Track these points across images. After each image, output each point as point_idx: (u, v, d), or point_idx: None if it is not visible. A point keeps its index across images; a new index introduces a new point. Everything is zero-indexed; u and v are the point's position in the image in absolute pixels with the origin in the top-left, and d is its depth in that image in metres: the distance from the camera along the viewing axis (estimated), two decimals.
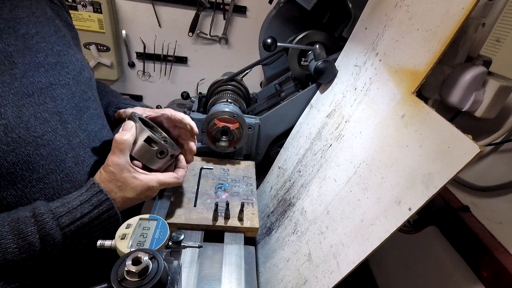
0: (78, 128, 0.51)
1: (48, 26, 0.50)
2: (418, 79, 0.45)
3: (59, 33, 0.52)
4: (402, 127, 0.45)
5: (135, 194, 0.49)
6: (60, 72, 0.49)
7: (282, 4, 0.92)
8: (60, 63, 0.49)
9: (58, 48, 0.50)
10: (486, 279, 0.55)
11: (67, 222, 0.42)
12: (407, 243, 0.78)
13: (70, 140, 0.49)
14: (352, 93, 0.61)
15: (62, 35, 0.52)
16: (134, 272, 0.32)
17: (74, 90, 0.51)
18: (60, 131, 0.47)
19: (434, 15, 0.46)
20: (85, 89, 0.54)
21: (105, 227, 0.46)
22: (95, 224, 0.45)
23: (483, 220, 0.61)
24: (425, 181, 0.38)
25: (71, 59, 0.52)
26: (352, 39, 0.70)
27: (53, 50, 0.49)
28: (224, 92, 0.87)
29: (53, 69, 0.48)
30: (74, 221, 0.42)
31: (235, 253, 0.56)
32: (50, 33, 0.49)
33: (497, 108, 0.53)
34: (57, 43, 0.50)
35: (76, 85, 0.52)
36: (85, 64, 0.56)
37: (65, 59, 0.51)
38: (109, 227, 0.47)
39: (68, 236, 0.42)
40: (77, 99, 0.52)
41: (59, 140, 0.47)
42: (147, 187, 0.50)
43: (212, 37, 1.65)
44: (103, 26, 1.49)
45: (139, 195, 0.50)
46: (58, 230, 0.41)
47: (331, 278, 0.46)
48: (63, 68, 0.50)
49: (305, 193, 0.62)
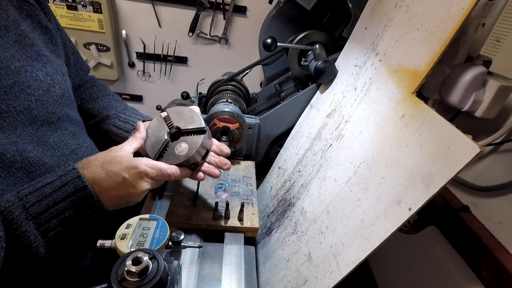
0: (42, 155, 0.45)
1: (6, 36, 0.42)
2: (418, 79, 0.45)
3: (22, 42, 0.44)
4: (402, 127, 0.45)
5: (118, 168, 0.42)
6: (19, 95, 0.42)
7: (282, 4, 0.92)
8: (19, 84, 0.42)
9: (19, 63, 0.42)
10: (486, 279, 0.55)
11: (32, 201, 0.37)
12: (407, 243, 0.78)
13: (30, 171, 0.43)
14: (352, 93, 0.61)
15: (27, 44, 0.44)
16: (134, 272, 0.32)
17: (37, 113, 0.44)
18: (17, 164, 0.41)
19: (434, 15, 0.46)
20: (53, 109, 0.47)
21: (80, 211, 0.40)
22: (66, 207, 0.39)
23: (483, 220, 0.61)
24: (425, 181, 0.37)
25: (36, 76, 0.44)
26: (352, 39, 0.70)
27: (9, 68, 0.41)
28: (224, 92, 0.87)
29: (7, 93, 0.40)
30: (39, 200, 0.37)
31: (235, 253, 0.56)
32: (8, 46, 0.42)
33: (497, 108, 0.53)
34: (17, 57, 0.43)
35: (41, 107, 0.45)
36: (57, 77, 0.48)
37: (27, 77, 0.43)
38: (87, 212, 0.41)
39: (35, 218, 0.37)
40: (39, 123, 0.45)
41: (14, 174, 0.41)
42: (133, 165, 0.43)
43: (212, 37, 1.65)
44: (103, 26, 1.49)
45: (123, 171, 0.42)
46: (20, 207, 0.36)
47: (331, 278, 0.46)
48: (23, 89, 0.42)
49: (305, 193, 0.62)
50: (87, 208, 0.41)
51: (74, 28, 1.46)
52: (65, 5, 1.41)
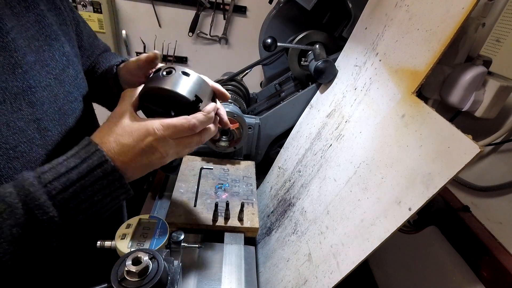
0: (60, 135, 0.45)
1: (27, 16, 0.43)
2: (418, 79, 0.45)
3: (42, 22, 0.45)
4: (402, 127, 0.45)
5: (131, 140, 0.39)
6: (40, 72, 0.43)
7: (282, 4, 0.92)
8: (39, 61, 0.43)
9: (38, 43, 0.44)
10: (486, 279, 0.55)
11: (50, 178, 0.36)
12: (407, 243, 0.78)
13: (49, 150, 0.43)
14: (352, 93, 0.61)
15: (46, 23, 0.45)
16: (134, 272, 0.32)
17: (57, 91, 0.46)
18: (37, 141, 0.42)
19: (434, 15, 0.46)
20: (70, 89, 0.48)
21: (103, 187, 0.38)
22: (89, 183, 0.37)
23: (483, 220, 0.61)
24: (425, 181, 0.38)
25: (53, 55, 0.46)
26: (352, 39, 0.70)
27: (31, 46, 0.42)
28: None
29: (32, 69, 0.42)
30: (58, 177, 0.36)
31: (235, 253, 0.56)
32: (29, 25, 0.43)
33: (497, 108, 0.53)
34: (37, 37, 0.44)
35: (59, 85, 0.46)
36: (72, 58, 0.50)
37: (46, 55, 0.44)
38: (111, 188, 0.39)
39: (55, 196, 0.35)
40: (61, 101, 0.46)
41: (35, 151, 0.42)
42: (146, 130, 0.40)
43: (212, 37, 1.65)
44: (103, 26, 1.49)
45: (137, 142, 0.39)
46: (40, 187, 0.35)
47: (331, 278, 0.46)
48: (43, 67, 0.44)
49: (305, 193, 0.62)
50: (115, 190, 0.39)
51: None
52: None
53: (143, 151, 0.40)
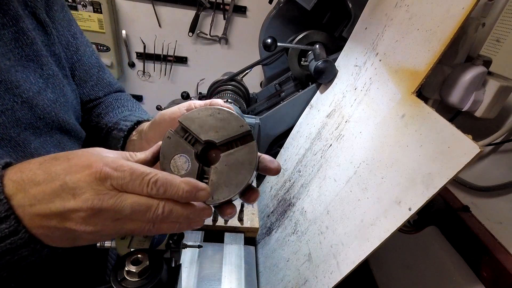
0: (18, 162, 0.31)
1: (1, 34, 0.39)
2: (418, 79, 0.45)
3: (20, 41, 0.41)
4: (402, 127, 0.45)
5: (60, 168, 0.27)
6: (2, 95, 0.38)
7: (282, 4, 0.92)
8: (5, 82, 0.38)
9: (9, 63, 0.39)
10: (486, 279, 0.55)
11: None
12: (407, 243, 0.78)
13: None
14: (352, 93, 0.61)
15: (26, 42, 0.41)
16: (134, 272, 0.32)
17: (21, 115, 0.40)
18: None
19: (434, 15, 0.46)
20: (42, 114, 0.42)
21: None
22: None
23: (483, 220, 0.61)
24: (425, 181, 0.37)
25: (27, 77, 0.41)
26: (352, 39, 0.70)
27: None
28: (224, 92, 0.87)
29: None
30: None
31: (235, 253, 0.56)
32: (1, 44, 0.39)
33: (497, 108, 0.53)
34: (8, 56, 0.39)
35: (27, 109, 0.40)
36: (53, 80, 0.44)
37: (17, 76, 0.39)
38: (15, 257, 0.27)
39: None
40: (22, 127, 0.40)
41: None
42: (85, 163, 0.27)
43: (212, 37, 1.65)
44: (103, 26, 1.49)
45: (65, 176, 0.26)
46: None
47: (331, 278, 0.45)
48: (8, 89, 0.38)
49: (305, 193, 0.62)
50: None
51: None
52: None
53: (62, 188, 0.26)
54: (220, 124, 0.34)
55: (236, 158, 0.32)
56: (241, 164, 0.32)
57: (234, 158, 0.32)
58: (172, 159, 0.32)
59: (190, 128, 0.33)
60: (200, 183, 0.29)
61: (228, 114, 0.34)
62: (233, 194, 0.31)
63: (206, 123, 0.34)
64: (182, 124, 0.34)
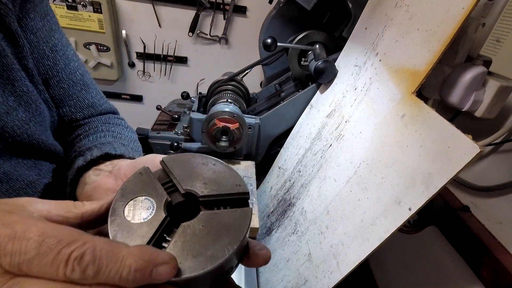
0: None
1: None
2: (418, 79, 0.45)
3: None
4: (402, 127, 0.45)
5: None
6: None
7: (282, 4, 0.92)
8: None
9: None
10: (486, 279, 0.55)
11: None
12: (407, 243, 0.78)
13: None
14: (352, 93, 0.61)
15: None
16: None
17: None
18: None
19: (434, 15, 0.46)
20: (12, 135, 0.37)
21: None
22: None
23: (483, 220, 0.61)
24: (425, 181, 0.37)
25: None
26: (352, 39, 0.70)
27: None
28: (224, 92, 0.87)
29: None
30: None
31: None
32: None
33: (497, 108, 0.53)
34: None
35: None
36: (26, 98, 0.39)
37: None
38: None
39: None
40: None
41: None
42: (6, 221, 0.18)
43: (212, 37, 1.65)
44: (103, 26, 1.49)
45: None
46: None
47: (331, 278, 0.45)
48: None
49: (305, 193, 0.62)
50: None
51: (74, 28, 1.47)
52: (65, 5, 1.41)
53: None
54: (212, 176, 0.26)
55: (221, 220, 0.22)
56: (226, 230, 0.22)
57: (218, 220, 0.22)
58: (133, 199, 0.22)
59: (172, 171, 0.25)
60: (161, 252, 0.18)
61: (225, 168, 0.28)
62: (200, 271, 0.19)
63: (195, 171, 0.26)
64: (164, 164, 0.26)
